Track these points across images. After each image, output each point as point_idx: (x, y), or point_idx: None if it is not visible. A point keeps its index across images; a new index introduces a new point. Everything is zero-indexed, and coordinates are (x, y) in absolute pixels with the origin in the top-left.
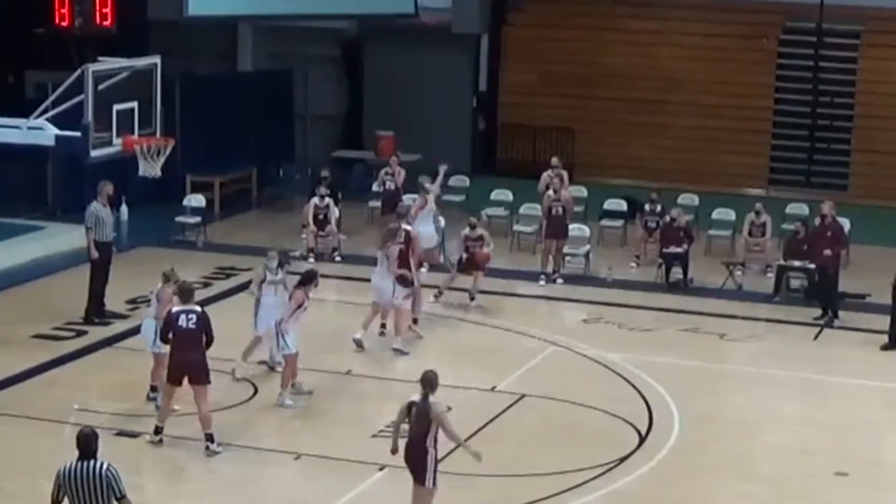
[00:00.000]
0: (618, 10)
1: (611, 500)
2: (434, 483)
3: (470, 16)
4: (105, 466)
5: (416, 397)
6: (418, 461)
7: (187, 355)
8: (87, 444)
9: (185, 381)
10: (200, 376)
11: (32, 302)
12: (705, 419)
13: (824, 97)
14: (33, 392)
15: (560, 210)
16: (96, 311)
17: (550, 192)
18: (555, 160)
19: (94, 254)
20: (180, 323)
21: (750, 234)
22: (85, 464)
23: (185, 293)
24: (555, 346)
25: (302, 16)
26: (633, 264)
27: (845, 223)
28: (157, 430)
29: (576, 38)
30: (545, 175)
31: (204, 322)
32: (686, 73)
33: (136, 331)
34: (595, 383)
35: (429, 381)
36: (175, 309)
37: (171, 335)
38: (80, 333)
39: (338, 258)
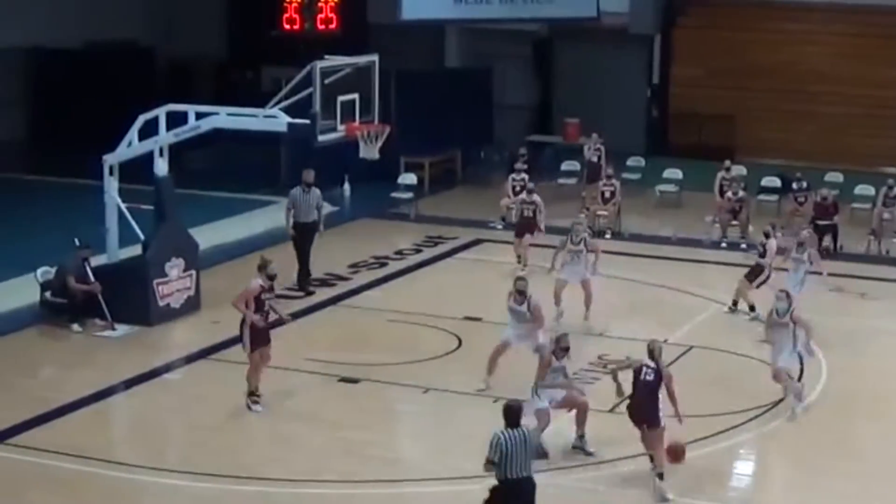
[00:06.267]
0: (772, 13)
1: (767, 438)
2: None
3: (645, 19)
4: (527, 430)
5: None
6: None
7: None
8: (516, 414)
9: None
10: None
11: None
12: (849, 368)
13: None
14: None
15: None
16: (300, 280)
17: None
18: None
19: (291, 232)
20: None
21: (884, 204)
22: (518, 431)
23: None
24: (718, 305)
25: (500, 20)
26: (779, 234)
27: None
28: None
29: (736, 38)
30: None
31: None
32: (832, 68)
33: (355, 291)
34: (754, 337)
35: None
36: None
37: None
38: (308, 293)
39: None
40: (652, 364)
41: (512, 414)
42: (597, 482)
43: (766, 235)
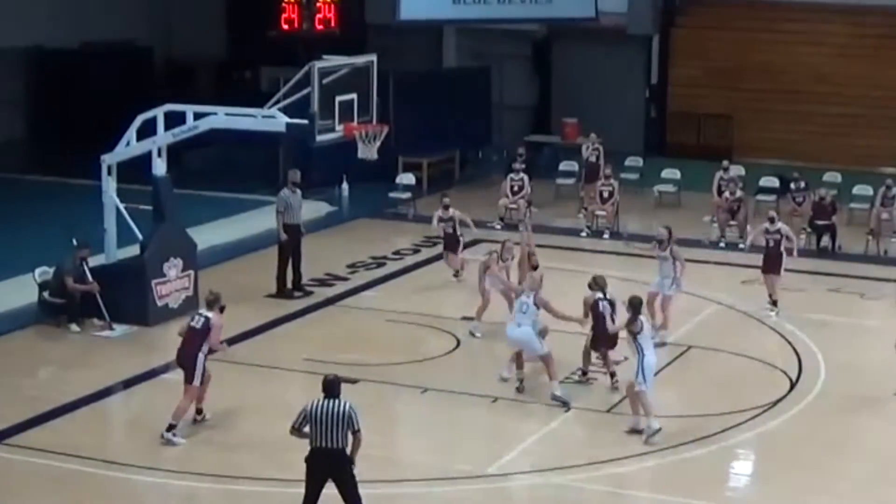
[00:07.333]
0: (770, 14)
1: (765, 438)
2: None
3: (643, 19)
4: (348, 405)
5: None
6: None
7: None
8: (332, 386)
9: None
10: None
11: (265, 266)
12: (847, 367)
13: None
14: (266, 344)
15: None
16: (279, 287)
17: None
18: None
19: (283, 235)
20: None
21: (882, 204)
22: (330, 402)
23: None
24: (717, 305)
25: (498, 20)
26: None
27: None
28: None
29: (734, 38)
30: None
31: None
32: (830, 68)
33: (354, 291)
34: (752, 337)
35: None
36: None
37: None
38: (306, 293)
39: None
40: (603, 295)
41: (328, 385)
42: (596, 482)
43: (772, 220)
